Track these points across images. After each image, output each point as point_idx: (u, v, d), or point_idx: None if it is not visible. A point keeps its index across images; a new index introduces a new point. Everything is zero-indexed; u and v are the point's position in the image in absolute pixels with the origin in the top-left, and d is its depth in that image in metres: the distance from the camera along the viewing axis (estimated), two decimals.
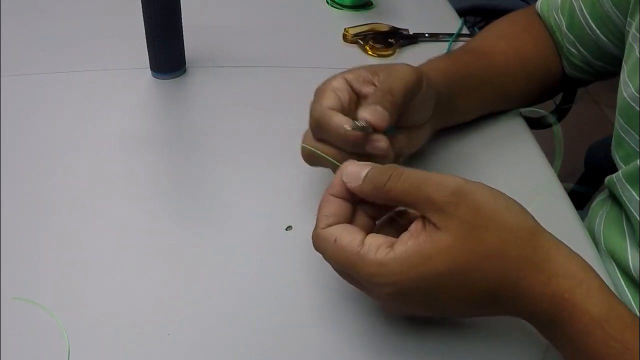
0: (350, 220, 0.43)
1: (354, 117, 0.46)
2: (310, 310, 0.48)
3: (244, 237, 0.53)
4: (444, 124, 0.61)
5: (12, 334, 0.44)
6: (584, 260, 0.40)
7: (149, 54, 0.70)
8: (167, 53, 0.70)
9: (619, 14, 0.59)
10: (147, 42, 0.69)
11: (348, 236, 0.40)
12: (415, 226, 0.40)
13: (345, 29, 0.81)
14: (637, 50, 0.54)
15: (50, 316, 0.46)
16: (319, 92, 0.49)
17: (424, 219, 0.39)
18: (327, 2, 0.91)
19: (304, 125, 0.51)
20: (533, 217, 0.40)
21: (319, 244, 0.42)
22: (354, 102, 0.50)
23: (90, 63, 0.72)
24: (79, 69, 0.71)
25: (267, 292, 0.49)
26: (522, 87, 0.67)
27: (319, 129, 0.48)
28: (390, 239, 0.40)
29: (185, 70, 0.72)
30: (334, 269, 0.43)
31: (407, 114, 0.51)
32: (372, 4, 0.91)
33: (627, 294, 0.56)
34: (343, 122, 0.46)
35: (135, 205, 0.55)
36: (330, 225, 0.41)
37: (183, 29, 0.69)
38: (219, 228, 0.54)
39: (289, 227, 0.54)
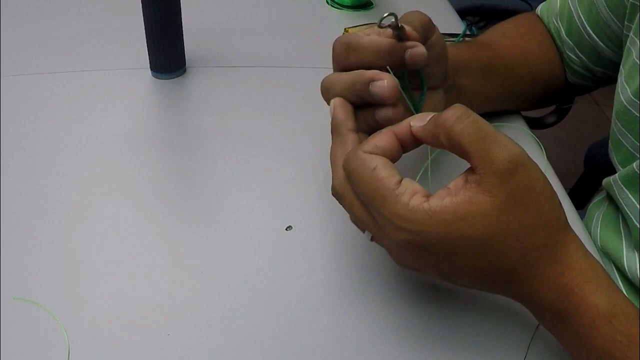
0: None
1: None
2: (310, 310, 0.48)
3: (244, 237, 0.53)
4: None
5: (12, 334, 0.44)
6: (596, 259, 0.40)
7: (149, 54, 0.70)
8: (167, 53, 0.70)
9: (615, 20, 0.60)
10: (147, 42, 0.69)
11: (388, 171, 0.39)
12: (454, 184, 0.39)
13: (345, 29, 0.81)
14: (634, 54, 0.54)
15: (50, 316, 0.46)
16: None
17: (466, 177, 0.38)
18: (327, 2, 0.91)
19: (304, 125, 0.51)
20: (565, 214, 0.40)
21: (355, 164, 0.40)
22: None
23: (90, 63, 0.72)
24: (79, 69, 0.71)
25: (267, 292, 0.49)
26: (526, 88, 0.67)
27: (348, 50, 0.45)
28: (425, 190, 0.39)
29: (185, 70, 0.72)
30: (358, 194, 0.41)
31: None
32: (372, 4, 0.91)
33: (624, 293, 0.56)
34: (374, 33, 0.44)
35: (135, 205, 0.55)
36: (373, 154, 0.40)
37: (183, 29, 0.69)
38: (219, 228, 0.54)
39: (289, 227, 0.54)
